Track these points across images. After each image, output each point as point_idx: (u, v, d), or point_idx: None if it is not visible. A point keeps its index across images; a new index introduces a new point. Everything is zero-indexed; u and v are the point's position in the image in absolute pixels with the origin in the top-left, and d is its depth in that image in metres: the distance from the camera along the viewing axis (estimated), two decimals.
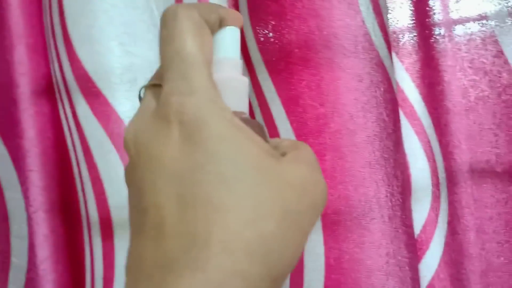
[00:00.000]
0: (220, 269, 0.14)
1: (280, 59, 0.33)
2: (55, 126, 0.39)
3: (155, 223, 0.15)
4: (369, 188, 0.33)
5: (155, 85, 0.18)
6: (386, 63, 0.33)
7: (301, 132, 0.33)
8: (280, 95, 0.34)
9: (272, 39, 0.34)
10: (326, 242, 0.33)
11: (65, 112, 0.37)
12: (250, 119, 0.19)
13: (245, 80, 0.19)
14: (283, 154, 0.17)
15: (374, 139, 0.33)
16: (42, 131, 0.39)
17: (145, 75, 0.36)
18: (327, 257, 0.33)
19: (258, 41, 0.35)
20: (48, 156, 0.39)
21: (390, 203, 0.33)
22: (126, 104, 0.35)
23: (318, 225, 0.33)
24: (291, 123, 0.34)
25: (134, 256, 0.16)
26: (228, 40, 0.19)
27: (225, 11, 0.19)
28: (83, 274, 0.39)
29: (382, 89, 0.33)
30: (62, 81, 0.36)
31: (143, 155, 0.16)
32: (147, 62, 0.35)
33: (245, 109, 0.18)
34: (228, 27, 0.19)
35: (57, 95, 0.38)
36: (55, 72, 0.37)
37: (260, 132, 0.18)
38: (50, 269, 0.37)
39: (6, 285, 0.39)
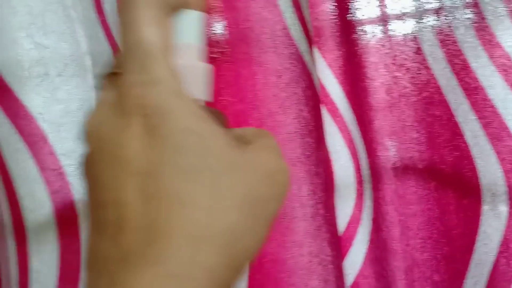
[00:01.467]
0: (182, 261, 0.14)
1: None
2: None
3: (116, 218, 0.15)
4: (290, 187, 0.32)
5: (116, 74, 0.17)
6: (306, 58, 0.32)
7: None
8: None
9: None
10: None
11: None
12: (212, 108, 0.18)
13: (207, 67, 0.18)
14: (248, 143, 0.17)
15: (295, 136, 0.32)
16: None
17: (58, 69, 0.34)
18: None
19: None
20: None
21: (312, 201, 0.32)
22: (36, 100, 0.33)
23: None
24: None
25: (94, 252, 0.15)
26: (189, 26, 0.18)
27: None
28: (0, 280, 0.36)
29: (303, 85, 0.32)
30: None
31: (104, 149, 0.16)
32: (59, 55, 0.34)
33: (207, 96, 0.18)
34: (190, 11, 0.18)
35: None
36: None
37: (222, 121, 0.17)
38: None
39: None
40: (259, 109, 0.32)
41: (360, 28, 0.34)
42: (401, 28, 0.34)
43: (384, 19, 0.35)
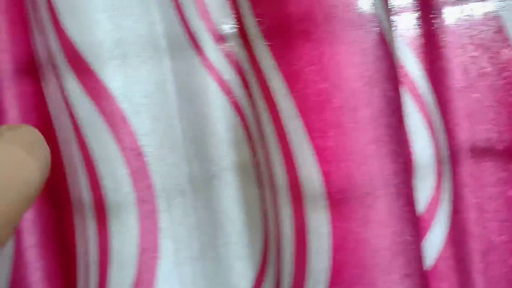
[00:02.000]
0: None
1: (280, 33, 0.32)
2: (40, 106, 0.37)
3: None
4: (373, 165, 0.32)
5: None
6: (388, 37, 0.32)
7: (303, 108, 0.32)
8: (281, 70, 0.33)
9: (271, 12, 0.32)
10: (332, 222, 0.32)
11: (51, 89, 0.35)
12: None
13: None
14: None
15: (379, 115, 0.32)
16: (26, 112, 0.36)
17: (136, 51, 0.34)
18: (333, 237, 0.32)
19: (257, 15, 0.34)
20: None
21: (395, 181, 0.32)
22: (117, 80, 0.33)
23: (323, 204, 0.32)
24: (294, 99, 0.32)
25: None
26: None
27: None
28: (74, 259, 0.36)
29: (386, 64, 0.32)
30: (47, 56, 0.34)
31: None
32: (137, 36, 0.34)
33: None
34: None
35: (42, 72, 0.36)
36: (39, 47, 0.35)
37: None
38: (37, 256, 0.35)
39: None
40: (342, 88, 0.31)
41: (439, 7, 0.34)
42: (481, 8, 0.34)
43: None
